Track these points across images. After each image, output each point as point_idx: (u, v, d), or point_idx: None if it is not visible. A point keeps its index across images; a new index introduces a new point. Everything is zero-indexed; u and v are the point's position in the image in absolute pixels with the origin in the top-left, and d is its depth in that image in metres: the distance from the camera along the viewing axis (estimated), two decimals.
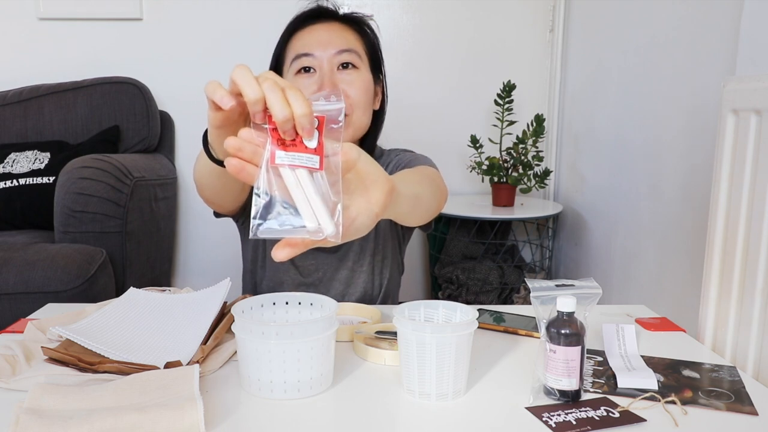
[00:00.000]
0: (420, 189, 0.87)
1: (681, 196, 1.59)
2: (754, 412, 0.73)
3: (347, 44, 1.08)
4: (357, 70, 1.09)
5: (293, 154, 0.55)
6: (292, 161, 0.55)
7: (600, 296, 0.80)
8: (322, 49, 1.06)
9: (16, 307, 1.55)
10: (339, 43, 1.07)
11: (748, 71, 1.26)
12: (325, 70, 1.06)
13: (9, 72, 2.39)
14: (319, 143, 0.55)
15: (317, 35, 1.08)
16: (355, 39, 1.11)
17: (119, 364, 0.79)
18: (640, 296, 1.81)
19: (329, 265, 1.19)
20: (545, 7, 2.50)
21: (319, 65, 1.06)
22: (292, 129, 0.55)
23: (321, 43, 1.07)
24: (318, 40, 1.07)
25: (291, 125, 0.55)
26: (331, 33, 1.08)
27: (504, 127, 2.30)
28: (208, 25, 2.41)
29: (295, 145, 0.55)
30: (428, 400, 0.75)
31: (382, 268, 1.21)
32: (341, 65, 1.07)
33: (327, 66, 1.06)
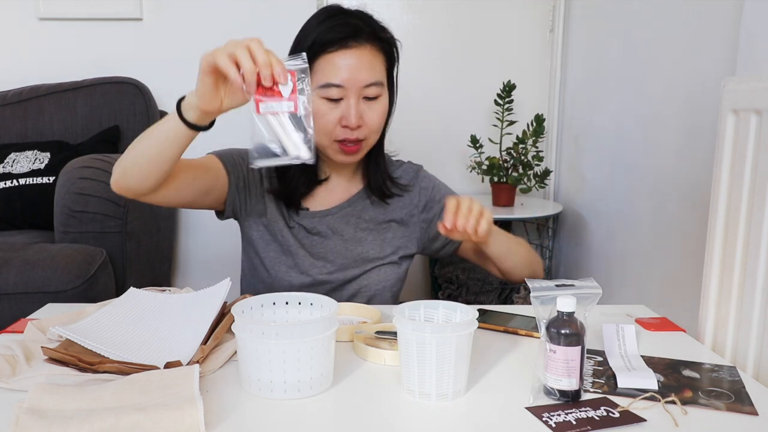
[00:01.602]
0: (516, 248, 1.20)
1: (681, 196, 1.59)
2: (754, 412, 0.73)
3: (375, 76, 1.09)
4: (379, 99, 1.11)
5: (272, 103, 0.74)
6: (273, 109, 0.75)
7: (600, 296, 0.80)
8: (352, 81, 1.07)
9: (16, 307, 1.55)
10: (369, 75, 1.08)
11: (748, 71, 1.26)
12: (352, 103, 1.07)
13: (9, 72, 2.38)
14: (293, 91, 0.74)
15: (349, 65, 1.06)
16: (382, 65, 1.11)
17: (119, 364, 0.79)
18: (640, 296, 1.81)
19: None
20: (545, 7, 2.50)
21: (346, 95, 1.07)
22: (269, 76, 0.78)
23: (352, 73, 1.06)
24: (349, 70, 1.06)
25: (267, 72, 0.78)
26: (362, 61, 1.07)
27: (504, 127, 2.30)
28: (208, 25, 2.41)
29: (274, 93, 0.75)
30: (428, 400, 0.75)
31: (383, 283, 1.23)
32: (366, 96, 1.09)
33: (354, 98, 1.07)
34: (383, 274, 1.21)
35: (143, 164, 0.99)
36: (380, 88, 1.10)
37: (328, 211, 1.21)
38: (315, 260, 1.19)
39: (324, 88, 1.07)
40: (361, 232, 1.21)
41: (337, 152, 1.12)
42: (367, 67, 1.08)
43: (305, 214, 1.20)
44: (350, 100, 1.08)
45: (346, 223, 1.21)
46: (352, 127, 1.08)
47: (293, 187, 1.17)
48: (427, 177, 1.28)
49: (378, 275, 1.21)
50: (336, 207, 1.21)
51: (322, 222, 1.20)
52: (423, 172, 1.28)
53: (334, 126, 1.09)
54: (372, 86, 1.09)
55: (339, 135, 1.10)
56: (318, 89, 1.08)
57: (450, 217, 0.97)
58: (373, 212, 1.23)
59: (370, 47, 1.09)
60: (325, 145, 1.12)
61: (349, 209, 1.22)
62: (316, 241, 1.20)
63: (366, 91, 1.08)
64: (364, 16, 1.11)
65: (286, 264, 1.19)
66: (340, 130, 1.09)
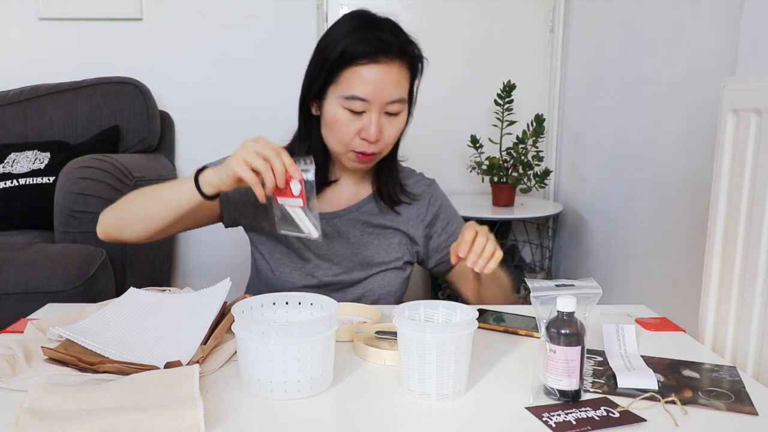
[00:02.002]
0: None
1: (681, 196, 1.59)
2: (754, 412, 0.73)
3: (400, 93, 1.08)
4: (399, 114, 1.11)
5: (287, 199, 0.95)
6: (288, 203, 0.95)
7: (600, 296, 0.80)
8: (378, 97, 1.06)
9: (16, 307, 1.55)
10: (394, 92, 1.07)
11: (748, 71, 1.26)
12: (374, 118, 1.07)
13: (9, 72, 2.38)
14: (301, 192, 0.93)
15: (376, 80, 1.05)
16: (406, 81, 1.10)
17: (119, 364, 0.79)
18: (640, 296, 1.81)
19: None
20: (545, 7, 2.50)
21: (369, 109, 1.07)
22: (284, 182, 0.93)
23: (378, 88, 1.06)
24: (376, 86, 1.05)
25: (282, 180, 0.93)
26: (390, 77, 1.06)
27: (504, 127, 2.30)
28: (208, 25, 2.41)
29: (287, 193, 0.94)
30: (428, 400, 0.75)
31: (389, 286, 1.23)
32: (387, 112, 1.09)
33: (376, 113, 1.07)
34: (388, 278, 1.21)
35: (146, 222, 1.05)
36: (402, 104, 1.10)
37: (335, 214, 1.21)
38: (320, 261, 1.19)
39: (348, 99, 1.06)
40: (367, 236, 1.21)
41: (352, 160, 1.12)
42: (394, 84, 1.07)
43: None
44: (372, 115, 1.07)
45: (352, 226, 1.21)
46: (371, 141, 1.08)
47: None
48: (438, 194, 1.27)
49: (383, 279, 1.21)
50: (344, 210, 1.21)
51: (329, 224, 1.20)
52: (434, 188, 1.28)
53: (352, 137, 1.09)
54: (395, 103, 1.08)
55: (356, 147, 1.10)
56: (341, 99, 1.07)
57: (464, 248, 0.96)
58: (381, 218, 1.22)
59: (398, 64, 1.07)
60: (341, 152, 1.12)
61: (356, 213, 1.21)
62: (322, 242, 1.19)
63: (389, 107, 1.08)
64: (394, 28, 1.10)
65: (290, 266, 1.19)
66: (358, 141, 1.09)
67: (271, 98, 2.44)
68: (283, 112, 2.48)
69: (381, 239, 1.22)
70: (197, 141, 2.46)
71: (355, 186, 1.23)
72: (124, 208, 1.10)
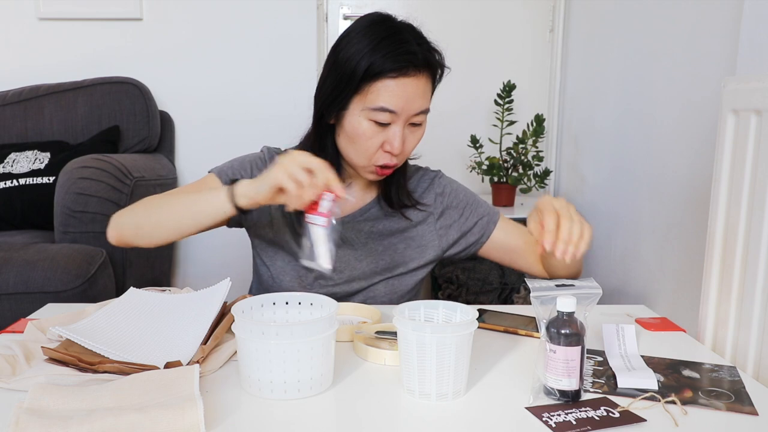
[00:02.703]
0: None
1: (681, 196, 1.59)
2: (754, 412, 0.73)
3: (424, 105, 1.07)
4: (421, 125, 1.10)
5: (312, 216, 0.92)
6: (311, 221, 0.93)
7: (600, 296, 0.80)
8: (406, 109, 1.05)
9: (16, 307, 1.55)
10: (421, 104, 1.06)
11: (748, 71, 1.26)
12: (398, 131, 1.05)
13: (9, 72, 2.38)
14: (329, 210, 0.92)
15: (406, 94, 1.04)
16: (430, 90, 1.10)
17: (119, 364, 0.79)
18: (640, 296, 1.81)
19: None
20: (545, 7, 2.50)
21: (395, 121, 1.05)
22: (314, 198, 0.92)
23: (408, 101, 1.04)
24: (405, 98, 1.04)
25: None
26: (417, 90, 1.05)
27: (504, 127, 2.30)
28: (208, 25, 2.41)
29: (315, 210, 0.92)
30: (428, 400, 0.75)
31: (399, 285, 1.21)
32: (411, 123, 1.08)
33: (401, 125, 1.06)
34: (390, 287, 1.18)
35: (169, 231, 1.04)
36: (425, 115, 1.09)
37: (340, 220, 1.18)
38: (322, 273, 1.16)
39: (375, 111, 1.04)
40: (372, 243, 1.18)
41: (371, 173, 1.11)
42: (422, 96, 1.06)
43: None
44: (398, 127, 1.05)
45: (357, 232, 1.18)
46: (395, 153, 1.06)
47: None
48: (444, 183, 1.24)
49: (385, 288, 1.18)
50: (348, 216, 1.18)
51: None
52: (440, 179, 1.25)
53: (375, 150, 1.07)
54: (421, 114, 1.07)
55: (379, 160, 1.08)
56: (368, 111, 1.04)
57: (550, 239, 0.89)
58: (386, 222, 1.19)
59: (425, 75, 1.07)
60: (361, 165, 1.10)
61: (361, 219, 1.19)
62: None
63: (414, 119, 1.07)
64: (418, 37, 1.09)
65: (291, 274, 1.16)
66: (382, 155, 1.07)
67: (271, 98, 2.44)
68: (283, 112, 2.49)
69: (386, 245, 1.18)
70: (197, 141, 2.46)
71: (361, 192, 1.20)
72: (144, 216, 1.06)
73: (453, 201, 1.22)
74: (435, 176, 1.25)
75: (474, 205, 1.23)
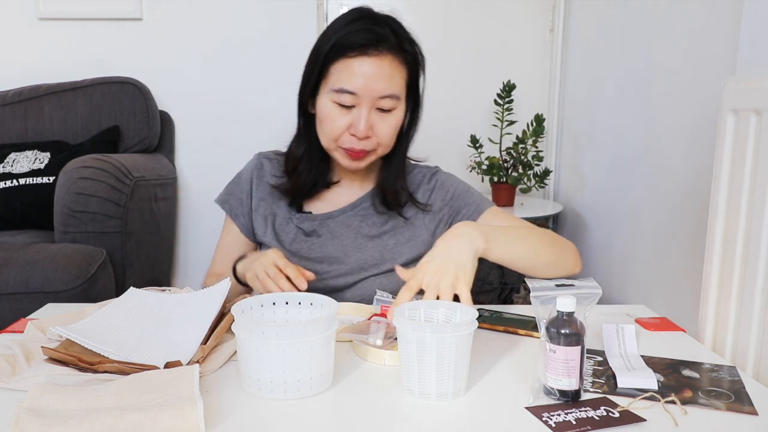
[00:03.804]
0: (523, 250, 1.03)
1: (681, 196, 1.59)
2: (754, 412, 0.73)
3: (391, 89, 1.05)
4: (393, 112, 1.08)
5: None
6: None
7: (600, 296, 0.80)
8: (367, 91, 1.04)
9: (16, 307, 1.55)
10: (385, 87, 1.04)
11: (748, 71, 1.26)
12: (363, 113, 1.04)
13: (9, 72, 2.38)
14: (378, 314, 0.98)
15: (365, 73, 1.03)
16: (400, 75, 1.07)
17: (119, 364, 0.79)
18: (640, 296, 1.81)
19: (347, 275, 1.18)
20: (545, 7, 2.50)
21: (359, 104, 1.05)
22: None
23: (367, 83, 1.03)
24: (365, 79, 1.03)
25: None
26: (380, 72, 1.03)
27: (504, 127, 2.30)
28: (208, 25, 2.41)
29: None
30: (428, 400, 0.75)
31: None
32: (379, 108, 1.06)
33: (366, 108, 1.05)
34: (378, 283, 1.16)
35: None
36: (395, 101, 1.07)
37: (329, 214, 1.18)
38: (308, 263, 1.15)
39: (337, 92, 1.04)
40: (361, 238, 1.17)
41: (342, 157, 1.10)
42: (386, 78, 1.04)
43: (305, 216, 1.18)
44: (362, 109, 1.05)
45: (346, 226, 1.18)
46: (360, 136, 1.05)
47: (301, 184, 1.16)
48: (438, 178, 1.22)
49: (373, 285, 1.16)
50: (338, 210, 1.18)
51: (323, 225, 1.18)
52: (435, 175, 1.22)
53: (341, 132, 1.06)
54: (387, 98, 1.05)
55: (345, 142, 1.07)
56: (331, 93, 1.05)
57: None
58: (377, 218, 1.19)
59: (391, 58, 1.05)
60: (330, 149, 1.10)
61: (351, 213, 1.19)
62: (314, 244, 1.17)
63: (380, 103, 1.05)
64: (393, 23, 1.08)
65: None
66: (347, 137, 1.07)
67: (270, 98, 2.44)
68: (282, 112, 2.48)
69: (376, 241, 1.17)
70: (197, 141, 2.46)
71: (355, 188, 1.20)
72: None
73: (445, 195, 1.20)
74: (430, 173, 1.23)
75: (463, 195, 1.20)
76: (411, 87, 1.12)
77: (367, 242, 1.17)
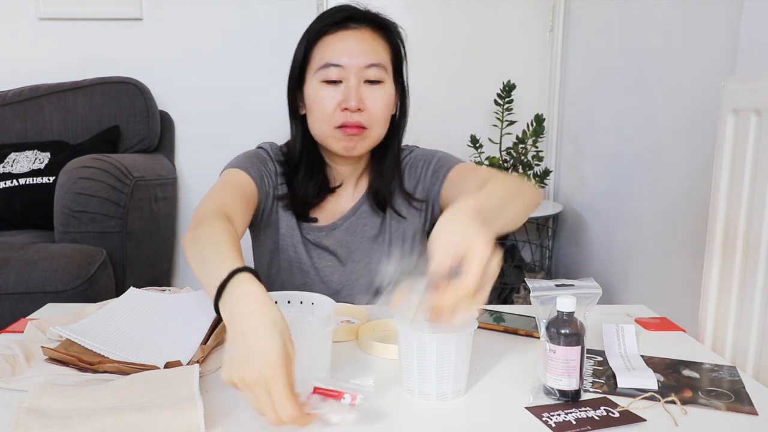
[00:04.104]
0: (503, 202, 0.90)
1: (681, 196, 1.59)
2: (754, 412, 0.73)
3: (376, 58, 1.05)
4: (382, 85, 1.07)
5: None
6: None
7: (600, 296, 0.80)
8: (352, 61, 1.03)
9: (16, 307, 1.55)
10: (369, 56, 1.04)
11: (748, 71, 1.26)
12: (352, 84, 1.04)
13: (9, 72, 2.38)
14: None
15: (347, 45, 1.04)
16: (383, 49, 1.08)
17: (119, 364, 0.79)
18: (640, 296, 1.81)
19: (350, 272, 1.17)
20: (545, 7, 2.50)
21: (346, 77, 1.04)
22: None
23: (350, 53, 1.04)
24: (348, 50, 1.04)
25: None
26: (362, 43, 1.05)
27: (504, 127, 2.30)
28: (208, 25, 2.41)
29: None
30: (428, 400, 0.75)
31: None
32: (367, 80, 1.05)
33: (354, 79, 1.04)
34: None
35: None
36: (382, 71, 1.06)
37: (334, 224, 1.16)
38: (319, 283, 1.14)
39: (323, 69, 1.04)
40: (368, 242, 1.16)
41: (339, 139, 1.06)
42: (368, 48, 1.05)
43: (310, 227, 1.15)
44: (350, 82, 1.04)
45: (351, 235, 1.16)
46: (352, 109, 1.03)
47: (302, 195, 1.12)
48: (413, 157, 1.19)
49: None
50: (341, 218, 1.16)
51: (329, 236, 1.15)
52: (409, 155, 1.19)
53: (333, 110, 1.04)
54: (373, 67, 1.05)
55: (338, 120, 1.04)
56: (318, 72, 1.05)
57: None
58: (375, 219, 1.17)
59: (370, 31, 1.06)
60: (327, 133, 1.07)
61: (354, 218, 1.16)
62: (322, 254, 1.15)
63: (367, 73, 1.04)
64: (368, 7, 1.10)
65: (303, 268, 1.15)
66: (340, 114, 1.04)
67: (270, 98, 2.44)
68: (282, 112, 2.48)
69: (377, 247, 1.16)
70: (197, 141, 2.46)
71: (354, 189, 1.18)
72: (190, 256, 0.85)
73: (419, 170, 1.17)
74: (403, 156, 1.19)
75: (431, 158, 1.17)
76: (396, 70, 1.11)
77: (372, 245, 1.17)
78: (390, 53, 1.10)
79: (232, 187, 1.05)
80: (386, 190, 1.16)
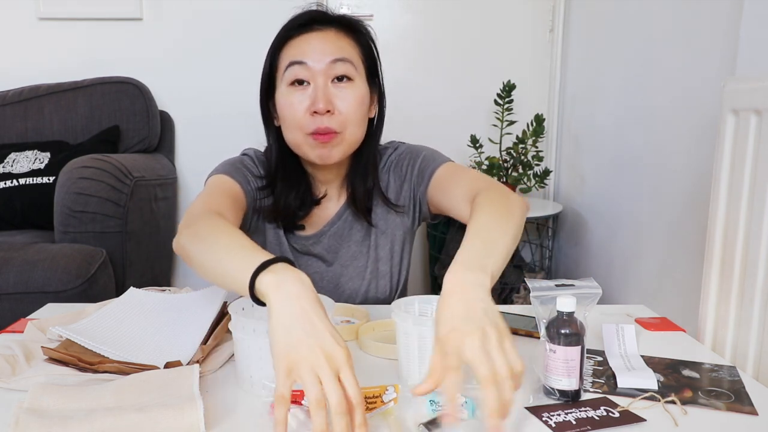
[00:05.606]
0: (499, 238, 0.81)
1: (681, 196, 1.59)
2: (754, 412, 0.73)
3: (342, 53, 1.02)
4: (351, 83, 1.03)
5: None
6: None
7: (600, 296, 0.80)
8: (316, 58, 1.01)
9: (16, 307, 1.55)
10: (333, 51, 1.02)
11: (748, 71, 1.26)
12: (319, 84, 1.01)
13: (9, 72, 2.38)
14: None
15: (311, 44, 1.03)
16: (351, 47, 1.05)
17: (119, 364, 0.79)
18: (640, 296, 1.81)
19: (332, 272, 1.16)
20: (545, 7, 2.50)
21: (313, 77, 1.01)
22: None
23: (315, 51, 1.02)
24: (312, 48, 1.02)
25: None
26: (326, 41, 1.02)
27: (504, 127, 2.30)
28: (208, 25, 2.41)
29: None
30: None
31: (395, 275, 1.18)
32: (336, 78, 1.02)
33: (321, 79, 1.01)
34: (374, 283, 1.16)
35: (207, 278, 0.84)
36: (350, 66, 1.03)
37: (322, 231, 1.14)
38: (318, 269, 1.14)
39: (289, 69, 1.02)
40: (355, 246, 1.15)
41: (313, 147, 1.03)
42: (332, 45, 1.03)
43: (298, 237, 1.14)
44: (317, 82, 1.01)
45: (337, 239, 1.14)
46: (321, 111, 0.99)
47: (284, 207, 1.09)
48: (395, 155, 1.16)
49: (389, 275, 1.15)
50: (327, 224, 1.14)
51: (318, 244, 1.14)
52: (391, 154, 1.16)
53: (302, 115, 1.01)
54: (339, 62, 1.01)
55: (310, 126, 1.01)
56: (285, 76, 1.03)
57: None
58: (362, 222, 1.15)
59: (335, 30, 1.05)
60: (300, 141, 1.04)
61: (339, 223, 1.14)
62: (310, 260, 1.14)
63: (334, 69, 1.01)
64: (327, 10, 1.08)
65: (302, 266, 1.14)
66: (310, 119, 1.01)
67: None
68: None
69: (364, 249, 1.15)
70: (197, 141, 2.46)
71: (338, 195, 1.15)
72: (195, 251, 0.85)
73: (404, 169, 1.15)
74: (388, 154, 1.17)
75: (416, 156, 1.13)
76: (371, 72, 1.09)
77: (360, 247, 1.16)
78: (359, 52, 1.07)
79: (220, 192, 1.03)
80: (367, 196, 1.13)
